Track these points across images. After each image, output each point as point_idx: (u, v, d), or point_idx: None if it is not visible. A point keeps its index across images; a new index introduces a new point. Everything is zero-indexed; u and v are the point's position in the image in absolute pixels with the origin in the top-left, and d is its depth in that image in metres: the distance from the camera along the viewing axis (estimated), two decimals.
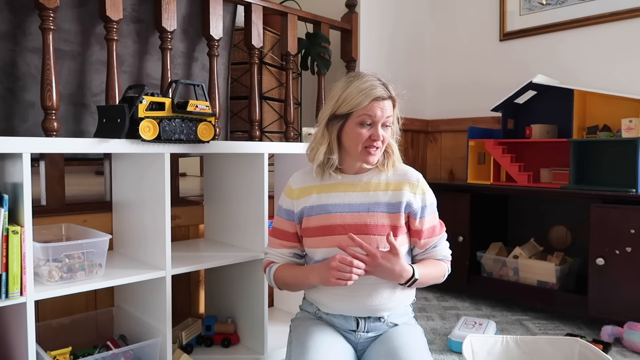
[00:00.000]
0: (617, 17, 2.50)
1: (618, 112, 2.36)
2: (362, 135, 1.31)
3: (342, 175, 1.39)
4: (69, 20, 1.82)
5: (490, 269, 2.54)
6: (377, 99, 1.30)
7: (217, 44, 2.12)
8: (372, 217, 1.32)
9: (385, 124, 1.32)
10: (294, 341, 1.33)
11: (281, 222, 1.44)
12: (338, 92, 1.35)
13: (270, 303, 2.33)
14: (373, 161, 1.34)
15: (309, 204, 1.38)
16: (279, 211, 1.45)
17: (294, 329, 1.39)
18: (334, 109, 1.34)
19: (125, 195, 1.74)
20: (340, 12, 2.83)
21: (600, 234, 2.08)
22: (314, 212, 1.37)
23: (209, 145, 1.60)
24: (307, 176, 1.43)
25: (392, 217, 1.33)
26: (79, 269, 1.40)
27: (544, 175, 2.59)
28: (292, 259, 1.44)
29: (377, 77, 1.35)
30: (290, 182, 1.45)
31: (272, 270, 1.42)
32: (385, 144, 1.35)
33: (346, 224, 1.32)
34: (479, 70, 3.05)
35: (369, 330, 1.33)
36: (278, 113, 2.85)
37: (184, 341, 1.80)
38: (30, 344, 1.27)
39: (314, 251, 1.38)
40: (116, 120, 1.43)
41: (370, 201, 1.35)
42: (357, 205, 1.34)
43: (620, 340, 1.99)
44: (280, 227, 1.44)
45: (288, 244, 1.43)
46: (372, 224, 1.32)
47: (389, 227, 1.32)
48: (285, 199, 1.44)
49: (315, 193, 1.38)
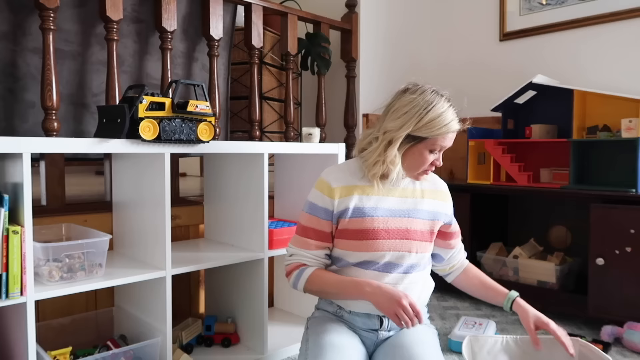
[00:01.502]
0: (617, 17, 2.50)
1: (618, 112, 2.36)
2: (427, 160, 1.34)
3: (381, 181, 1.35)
4: (69, 20, 1.82)
5: (490, 269, 2.54)
6: (454, 132, 1.33)
7: (217, 44, 2.12)
8: (412, 222, 1.35)
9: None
10: (310, 339, 1.30)
11: (317, 222, 1.34)
12: (417, 111, 1.29)
13: (270, 303, 2.33)
14: (424, 179, 1.41)
15: (351, 205, 1.32)
16: (314, 210, 1.34)
17: (311, 327, 1.36)
18: (412, 129, 1.29)
19: (125, 195, 1.74)
20: (340, 12, 2.83)
21: (600, 234, 2.08)
22: (355, 214, 1.32)
23: (209, 145, 1.60)
24: (345, 174, 1.36)
25: (430, 224, 1.37)
26: (79, 269, 1.41)
27: (544, 175, 2.59)
28: (325, 261, 1.37)
29: (450, 100, 1.34)
30: (327, 180, 1.34)
31: (307, 273, 1.33)
32: None
33: (389, 229, 1.32)
34: (479, 70, 3.05)
35: (392, 329, 1.34)
36: (278, 113, 2.85)
37: (184, 341, 1.80)
38: (31, 343, 1.27)
39: (349, 254, 1.33)
40: (116, 120, 1.43)
41: (409, 207, 1.36)
42: (398, 210, 1.35)
43: (620, 340, 1.99)
44: (316, 226, 1.34)
45: (324, 245, 1.35)
46: (412, 230, 1.34)
47: (428, 233, 1.37)
48: (322, 197, 1.34)
49: (357, 194, 1.33)
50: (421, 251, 1.35)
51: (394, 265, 1.32)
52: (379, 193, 1.35)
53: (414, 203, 1.37)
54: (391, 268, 1.32)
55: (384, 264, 1.31)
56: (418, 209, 1.37)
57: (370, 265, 1.32)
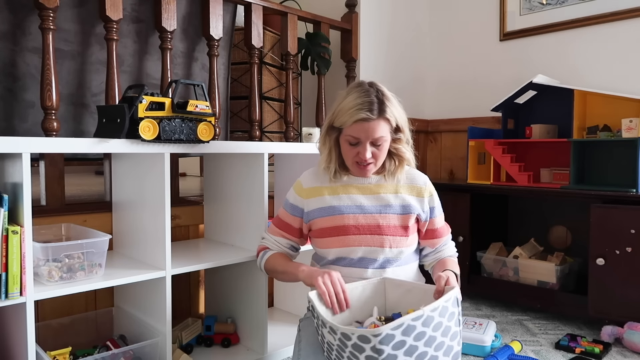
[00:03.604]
0: (618, 17, 2.50)
1: (618, 112, 2.36)
2: (350, 152, 1.35)
3: (348, 176, 1.42)
4: (69, 20, 1.82)
5: (490, 269, 2.54)
6: (360, 121, 1.29)
7: (217, 44, 2.12)
8: (384, 218, 1.37)
9: (376, 143, 1.33)
10: (303, 340, 1.32)
11: (285, 215, 1.49)
12: (337, 102, 1.36)
13: (270, 303, 2.33)
14: (367, 175, 1.39)
15: (320, 205, 1.40)
16: (285, 204, 1.50)
17: (303, 328, 1.38)
18: (331, 119, 1.36)
19: (125, 195, 1.74)
20: (340, 12, 2.83)
21: (600, 234, 2.08)
22: (326, 213, 1.39)
23: (209, 145, 1.60)
24: (317, 176, 1.46)
25: (402, 218, 1.38)
26: (79, 269, 1.40)
27: (544, 175, 2.59)
28: (287, 250, 1.50)
29: (376, 91, 1.32)
30: (301, 180, 1.48)
31: (266, 255, 1.47)
32: (381, 159, 1.37)
33: (359, 225, 1.35)
34: (479, 70, 3.05)
35: None
36: (278, 113, 2.85)
37: (184, 341, 1.79)
38: (30, 344, 1.27)
39: (327, 251, 1.40)
40: (116, 120, 1.43)
41: (381, 204, 1.39)
42: (369, 207, 1.38)
43: (620, 340, 1.99)
44: (284, 219, 1.49)
45: (287, 236, 1.49)
46: (384, 225, 1.36)
47: (401, 228, 1.37)
48: (294, 194, 1.48)
49: (327, 194, 1.41)
50: (396, 246, 1.36)
51: (370, 261, 1.36)
52: (349, 192, 1.40)
53: (386, 198, 1.39)
54: (367, 263, 1.36)
55: (359, 260, 1.36)
56: (391, 204, 1.38)
57: (346, 261, 1.37)
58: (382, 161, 1.38)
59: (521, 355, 1.86)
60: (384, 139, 1.33)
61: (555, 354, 1.93)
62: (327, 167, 1.42)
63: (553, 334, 2.13)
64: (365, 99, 1.29)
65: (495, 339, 1.98)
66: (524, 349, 1.95)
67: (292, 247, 1.52)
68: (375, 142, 1.32)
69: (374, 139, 1.31)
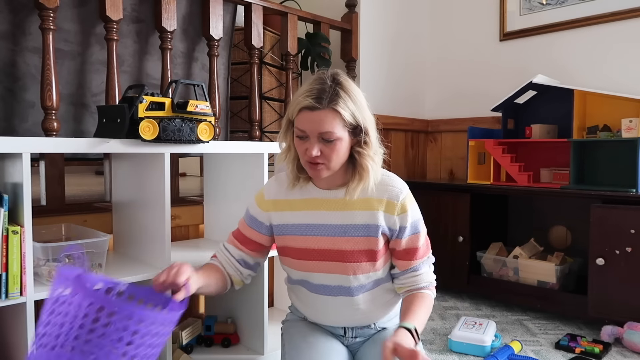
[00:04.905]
0: (618, 17, 2.50)
1: (618, 112, 2.36)
2: (299, 148, 1.17)
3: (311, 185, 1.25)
4: (69, 20, 1.82)
5: (490, 269, 2.54)
6: (304, 110, 1.12)
7: (217, 44, 2.12)
8: (348, 242, 1.20)
9: (326, 139, 1.13)
10: (287, 344, 1.32)
11: (243, 226, 1.35)
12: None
13: (270, 303, 2.32)
14: (319, 177, 1.18)
15: (282, 222, 1.27)
16: (245, 214, 1.35)
17: (285, 331, 1.38)
18: (288, 112, 1.19)
19: (125, 195, 1.74)
20: (340, 12, 2.83)
21: (600, 234, 2.08)
22: (289, 232, 1.27)
23: (209, 145, 1.60)
24: (279, 185, 1.30)
25: (369, 241, 1.20)
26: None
27: (544, 175, 2.59)
28: (234, 262, 1.32)
29: (333, 80, 1.13)
30: (264, 190, 1.32)
31: (206, 262, 1.35)
32: (334, 161, 1.15)
33: (321, 249, 1.22)
34: (479, 70, 3.05)
35: (357, 336, 1.32)
36: (278, 113, 2.84)
37: (184, 341, 1.79)
38: (30, 344, 1.27)
39: (290, 270, 1.33)
40: (116, 120, 1.43)
41: (346, 222, 1.21)
42: (333, 227, 1.21)
43: (620, 340, 1.99)
44: (241, 229, 1.35)
45: (240, 247, 1.33)
46: (348, 250, 1.20)
47: (367, 253, 1.20)
48: (254, 206, 1.32)
49: (289, 210, 1.26)
50: (361, 272, 1.21)
51: (334, 288, 1.23)
52: (313, 207, 1.23)
53: (352, 217, 1.20)
54: (332, 290, 1.24)
55: (323, 286, 1.24)
56: (356, 225, 1.20)
57: (310, 286, 1.27)
58: (336, 164, 1.16)
59: (521, 355, 1.86)
60: (335, 136, 1.12)
61: (555, 354, 1.93)
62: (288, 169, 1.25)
63: (553, 334, 2.13)
64: (315, 86, 1.12)
65: (495, 339, 1.98)
66: (524, 349, 1.95)
67: (243, 261, 1.32)
68: (325, 138, 1.12)
69: (321, 133, 1.11)
